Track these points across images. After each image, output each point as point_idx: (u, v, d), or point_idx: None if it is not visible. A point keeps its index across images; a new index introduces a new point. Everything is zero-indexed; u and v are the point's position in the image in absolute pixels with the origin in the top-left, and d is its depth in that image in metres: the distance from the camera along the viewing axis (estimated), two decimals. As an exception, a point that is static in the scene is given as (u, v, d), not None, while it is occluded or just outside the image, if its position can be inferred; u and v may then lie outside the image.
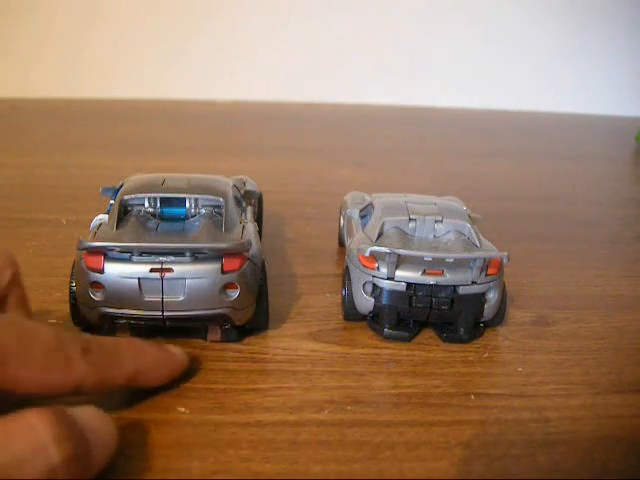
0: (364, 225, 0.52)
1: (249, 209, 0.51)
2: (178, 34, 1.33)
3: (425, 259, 0.44)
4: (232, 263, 0.41)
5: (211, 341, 0.45)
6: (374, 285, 0.46)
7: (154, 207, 0.47)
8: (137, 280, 0.40)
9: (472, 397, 0.40)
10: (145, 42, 1.33)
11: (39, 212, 0.69)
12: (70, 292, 0.44)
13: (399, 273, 0.45)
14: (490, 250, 0.47)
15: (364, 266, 0.46)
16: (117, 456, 0.34)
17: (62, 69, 1.33)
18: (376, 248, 0.44)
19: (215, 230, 0.44)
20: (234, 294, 0.42)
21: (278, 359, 0.44)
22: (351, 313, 0.48)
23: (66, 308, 0.45)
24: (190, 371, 0.42)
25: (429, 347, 0.46)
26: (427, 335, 0.47)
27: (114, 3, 1.31)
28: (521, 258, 0.61)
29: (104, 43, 1.33)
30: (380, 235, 0.48)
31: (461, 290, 0.45)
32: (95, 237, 0.42)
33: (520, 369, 0.43)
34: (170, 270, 0.40)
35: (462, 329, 0.46)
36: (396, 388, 0.41)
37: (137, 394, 0.39)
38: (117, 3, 1.31)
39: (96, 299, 0.41)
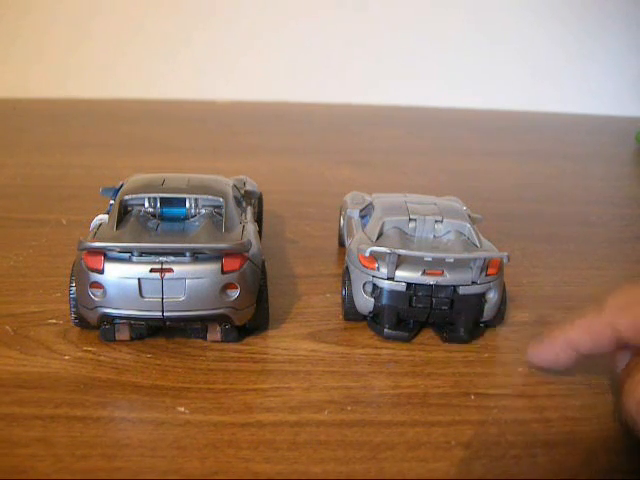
0: (364, 225, 0.52)
1: (249, 209, 0.51)
2: (178, 34, 1.33)
3: (425, 259, 0.44)
4: (232, 263, 0.41)
5: (211, 341, 0.45)
6: (374, 285, 0.46)
7: (154, 207, 0.47)
8: (137, 280, 0.40)
9: (472, 397, 0.40)
10: (145, 42, 1.33)
11: (39, 212, 0.69)
12: (70, 292, 0.44)
13: (399, 273, 0.45)
14: (490, 250, 0.47)
15: (364, 266, 0.46)
16: (117, 456, 0.34)
17: (62, 69, 1.33)
18: (376, 248, 0.44)
19: (215, 230, 0.44)
20: (234, 294, 0.42)
21: (278, 359, 0.44)
22: (351, 313, 0.48)
23: (66, 308, 0.45)
24: (190, 371, 0.42)
25: (429, 347, 0.46)
26: (427, 335, 0.47)
27: (114, 3, 1.31)
28: (521, 258, 0.61)
29: (103, 43, 1.33)
30: (380, 235, 0.48)
31: (461, 290, 0.45)
32: (95, 237, 0.42)
33: (520, 369, 0.43)
34: (170, 270, 0.40)
35: (462, 329, 0.46)
36: (396, 388, 0.41)
37: (137, 394, 0.39)
38: (117, 3, 1.31)
39: (96, 299, 0.41)
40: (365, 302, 0.46)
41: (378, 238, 0.48)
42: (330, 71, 1.37)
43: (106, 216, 0.46)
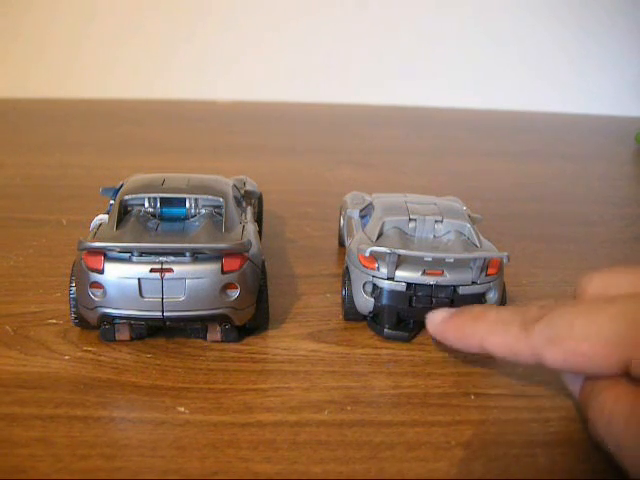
0: (364, 225, 0.52)
1: (249, 209, 0.51)
2: (178, 34, 1.33)
3: (425, 259, 0.44)
4: (232, 263, 0.41)
5: (211, 341, 0.45)
6: (374, 285, 0.46)
7: (154, 207, 0.47)
8: (137, 280, 0.40)
9: (472, 397, 0.40)
10: (145, 42, 1.33)
11: (39, 212, 0.69)
12: (70, 292, 0.44)
13: (399, 273, 0.45)
14: (490, 250, 0.47)
15: (364, 266, 0.46)
16: (117, 456, 0.34)
17: (61, 69, 1.33)
18: (376, 248, 0.44)
19: (215, 230, 0.44)
20: (234, 294, 0.42)
21: (278, 359, 0.44)
22: (351, 313, 0.48)
23: (66, 308, 0.45)
24: (190, 371, 0.42)
25: (429, 347, 0.46)
26: (427, 335, 0.47)
27: (113, 3, 1.31)
28: (521, 258, 0.61)
29: (103, 43, 1.33)
30: (380, 235, 0.48)
31: (461, 290, 0.45)
32: (95, 237, 0.42)
33: (520, 369, 0.43)
34: (170, 270, 0.40)
35: (462, 329, 0.46)
36: (396, 388, 0.41)
37: (137, 394, 0.39)
38: (116, 3, 1.31)
39: (96, 299, 0.41)
40: (365, 302, 0.46)
41: (378, 238, 0.48)
42: (330, 71, 1.37)
43: (106, 216, 0.46)
